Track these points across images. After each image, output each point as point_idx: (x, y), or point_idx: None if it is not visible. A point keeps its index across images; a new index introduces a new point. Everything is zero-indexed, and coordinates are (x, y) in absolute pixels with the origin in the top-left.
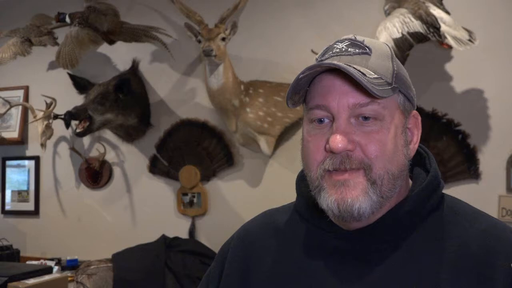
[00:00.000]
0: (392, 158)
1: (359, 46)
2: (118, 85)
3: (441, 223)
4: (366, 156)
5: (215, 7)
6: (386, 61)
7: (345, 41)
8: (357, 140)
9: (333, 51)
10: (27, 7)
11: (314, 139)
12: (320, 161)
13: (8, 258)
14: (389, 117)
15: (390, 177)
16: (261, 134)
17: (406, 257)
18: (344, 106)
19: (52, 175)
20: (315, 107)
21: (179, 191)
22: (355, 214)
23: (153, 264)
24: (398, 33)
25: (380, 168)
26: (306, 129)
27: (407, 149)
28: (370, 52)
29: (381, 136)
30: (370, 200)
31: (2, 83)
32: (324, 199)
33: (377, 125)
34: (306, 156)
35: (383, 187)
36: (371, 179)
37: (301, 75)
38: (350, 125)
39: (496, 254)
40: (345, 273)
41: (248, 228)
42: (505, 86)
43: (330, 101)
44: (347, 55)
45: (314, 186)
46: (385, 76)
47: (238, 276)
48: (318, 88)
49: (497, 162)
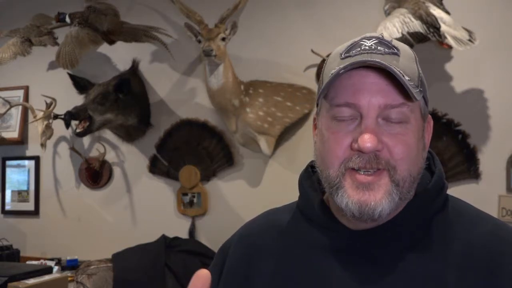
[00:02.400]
0: (415, 161)
1: (387, 45)
2: (118, 85)
3: (446, 224)
4: (392, 158)
5: (215, 7)
6: (412, 63)
7: (373, 39)
8: (385, 141)
9: (361, 48)
10: (27, 7)
11: (337, 136)
12: (343, 158)
13: (8, 258)
14: (414, 120)
15: (412, 180)
16: (261, 134)
17: (411, 258)
18: (374, 106)
19: (52, 175)
20: (344, 104)
21: (179, 191)
22: (376, 217)
23: (153, 264)
24: (398, 33)
25: (404, 170)
26: (326, 124)
27: (424, 153)
28: (399, 53)
29: (407, 139)
30: (393, 201)
31: (2, 83)
32: (343, 198)
33: (403, 127)
34: (325, 153)
35: (404, 189)
36: (395, 180)
37: (342, 70)
38: (378, 125)
39: (501, 255)
40: (349, 273)
41: (249, 228)
42: (505, 86)
43: (361, 99)
44: (378, 54)
45: (333, 183)
46: (413, 79)
47: (239, 276)
48: (346, 86)
49: (497, 162)
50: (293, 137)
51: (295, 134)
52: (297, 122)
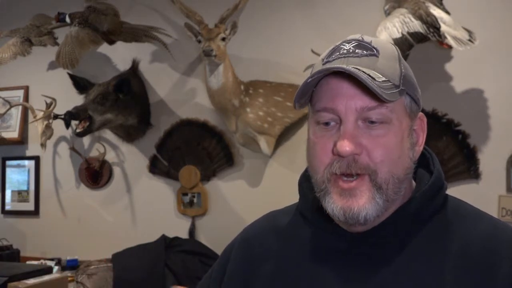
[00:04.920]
0: (398, 162)
1: (366, 47)
2: (118, 85)
3: (445, 224)
4: (372, 161)
5: (215, 7)
6: (393, 63)
7: (352, 41)
8: (364, 144)
9: (340, 52)
10: (27, 7)
11: (321, 141)
12: (327, 164)
13: (8, 258)
14: (396, 120)
15: (396, 181)
16: (261, 134)
17: (410, 259)
18: (351, 109)
19: (52, 175)
20: (323, 109)
21: (179, 191)
22: (362, 221)
23: (153, 264)
24: (398, 33)
25: (385, 173)
26: (312, 130)
27: (412, 152)
28: (378, 54)
29: (387, 140)
30: (377, 205)
31: (2, 83)
32: (329, 204)
33: (384, 128)
34: (312, 158)
35: (388, 191)
36: (377, 184)
37: (309, 79)
38: (358, 128)
39: (498, 254)
40: (349, 275)
41: (250, 231)
42: (505, 86)
43: (338, 104)
44: (355, 57)
45: (320, 188)
46: (393, 79)
47: (241, 279)
48: (325, 91)
49: (497, 162)
50: (293, 137)
51: (295, 134)
52: (297, 122)
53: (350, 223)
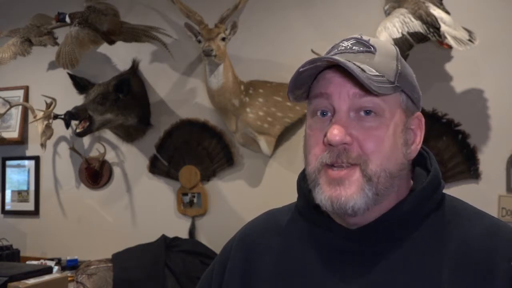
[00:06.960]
0: (390, 155)
1: (363, 44)
2: (118, 85)
3: (442, 223)
4: (363, 152)
5: (215, 7)
6: (390, 60)
7: (351, 39)
8: (355, 135)
9: (338, 49)
10: (27, 7)
11: (314, 133)
12: (318, 154)
13: (8, 258)
14: (389, 113)
15: (387, 175)
16: (261, 134)
17: (407, 257)
18: (344, 96)
19: (52, 175)
20: (317, 95)
21: (179, 191)
22: (349, 211)
23: (153, 264)
24: (398, 33)
25: (376, 165)
26: (308, 123)
27: (407, 149)
28: (375, 51)
29: (379, 133)
30: (366, 196)
31: (2, 83)
32: (318, 194)
33: (376, 121)
34: (306, 150)
35: (379, 185)
36: (367, 175)
37: (301, 68)
38: (350, 119)
39: (496, 253)
40: (346, 272)
41: (250, 229)
42: (505, 86)
43: (332, 89)
44: (350, 53)
45: (311, 180)
46: (388, 75)
47: (240, 277)
48: (321, 81)
49: (497, 162)
50: (293, 137)
51: (295, 134)
52: (297, 122)
53: (338, 214)
